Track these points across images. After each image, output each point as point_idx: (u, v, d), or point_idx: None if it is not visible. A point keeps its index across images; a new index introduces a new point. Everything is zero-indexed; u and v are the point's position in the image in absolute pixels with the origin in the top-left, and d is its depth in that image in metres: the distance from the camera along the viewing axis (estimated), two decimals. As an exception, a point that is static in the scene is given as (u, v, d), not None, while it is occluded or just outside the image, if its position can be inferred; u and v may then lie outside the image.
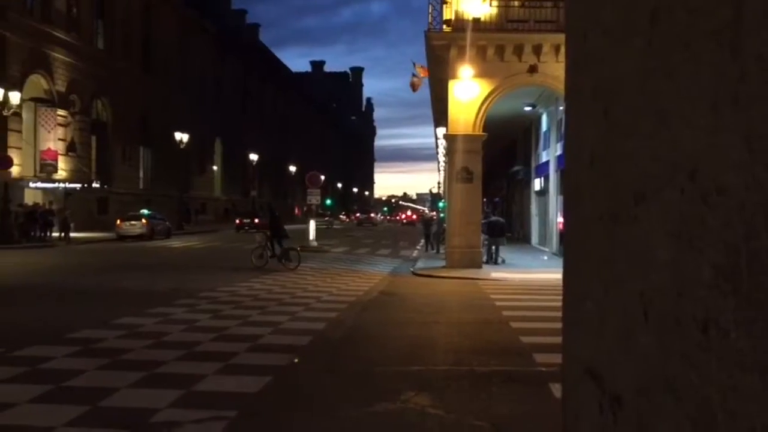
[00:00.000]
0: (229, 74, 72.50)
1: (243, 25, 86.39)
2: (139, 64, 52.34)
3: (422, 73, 25.47)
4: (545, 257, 24.77)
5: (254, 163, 63.42)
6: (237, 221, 50.47)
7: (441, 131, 32.41)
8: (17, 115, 35.16)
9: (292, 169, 77.90)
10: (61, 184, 39.08)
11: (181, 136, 46.64)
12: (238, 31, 78.66)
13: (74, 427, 5.39)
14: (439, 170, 60.65)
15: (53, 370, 7.18)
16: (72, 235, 32.70)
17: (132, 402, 6.08)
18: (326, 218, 65.93)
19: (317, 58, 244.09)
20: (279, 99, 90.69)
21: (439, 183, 76.37)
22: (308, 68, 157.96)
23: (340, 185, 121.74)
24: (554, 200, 26.27)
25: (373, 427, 5.74)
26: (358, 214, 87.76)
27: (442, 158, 49.92)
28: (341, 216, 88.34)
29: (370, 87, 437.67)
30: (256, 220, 47.00)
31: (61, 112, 40.96)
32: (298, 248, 21.31)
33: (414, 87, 25.35)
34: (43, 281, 16.40)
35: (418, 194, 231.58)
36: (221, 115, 67.90)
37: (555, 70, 19.93)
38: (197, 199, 60.62)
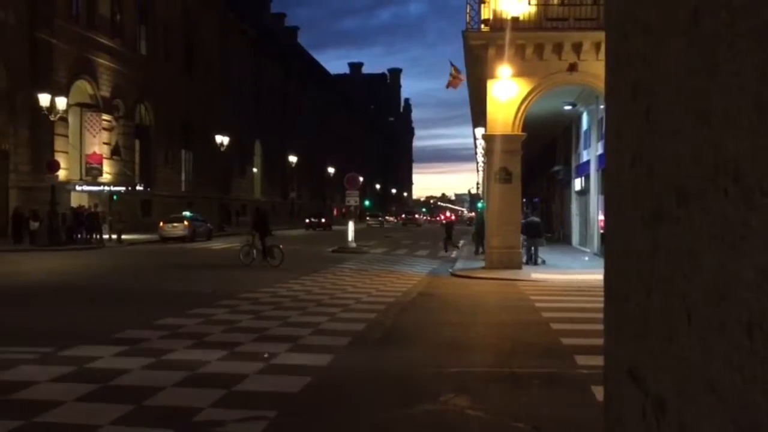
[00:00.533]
0: (269, 77, 73.23)
1: (282, 28, 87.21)
2: (180, 68, 53.23)
3: (457, 77, 25.30)
4: (586, 258, 24.45)
5: (293, 165, 63.94)
6: (307, 220, 60.36)
7: (479, 131, 32.24)
8: (64, 119, 36.07)
9: (331, 170, 78.32)
10: (106, 187, 39.95)
11: (222, 139, 47.28)
12: (277, 35, 79.41)
13: (119, 425, 5.50)
14: (477, 171, 60.39)
15: (99, 370, 7.35)
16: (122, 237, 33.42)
17: (175, 401, 6.19)
18: (379, 218, 77.51)
19: (355, 60, 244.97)
20: (317, 101, 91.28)
21: (477, 183, 76.03)
22: (346, 70, 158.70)
23: (378, 186, 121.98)
24: (595, 200, 25.92)
25: (413, 428, 5.74)
26: (403, 216, 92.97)
27: (480, 158, 49.66)
28: (388, 217, 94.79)
29: (408, 88, 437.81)
30: (323, 220, 58.27)
31: (105, 116, 41.90)
32: (281, 246, 22.33)
33: (451, 85, 25.15)
34: (89, 282, 16.78)
35: (456, 195, 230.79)
36: (261, 118, 68.64)
37: (595, 68, 19.67)
38: (237, 201, 61.36)
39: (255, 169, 69.96)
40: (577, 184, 30.92)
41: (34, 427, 5.43)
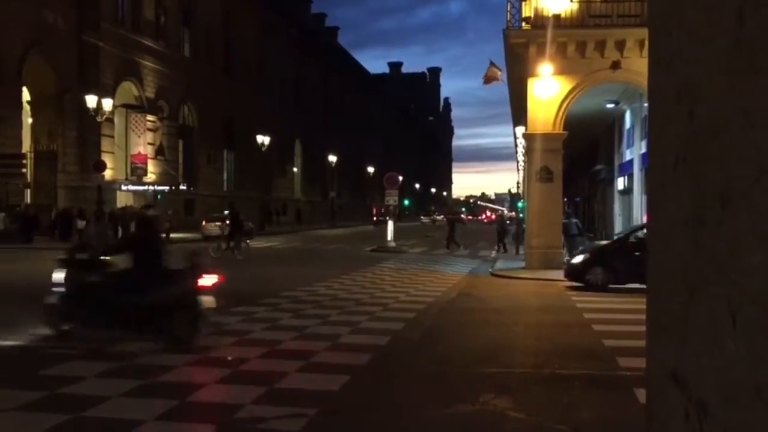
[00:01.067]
0: (309, 77, 73.73)
1: (322, 28, 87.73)
2: (222, 69, 53.97)
3: (495, 73, 24.97)
4: None
5: (333, 165, 64.33)
6: (374, 218, 68.60)
7: (520, 130, 31.97)
8: (110, 121, 36.88)
9: (370, 170, 78.52)
10: (151, 187, 40.73)
11: (263, 139, 47.77)
12: (317, 34, 79.92)
13: (163, 421, 5.61)
14: (518, 170, 59.89)
15: (143, 366, 7.50)
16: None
17: (217, 398, 6.29)
18: (431, 217, 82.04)
19: (395, 59, 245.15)
20: (357, 101, 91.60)
21: (518, 183, 75.53)
22: (386, 70, 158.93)
23: (417, 186, 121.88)
24: (639, 200, 25.47)
25: (452, 428, 5.73)
26: (449, 215, 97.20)
27: (521, 158, 49.26)
28: (438, 216, 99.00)
29: (447, 87, 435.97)
30: (387, 217, 64.78)
31: (150, 117, 42.73)
32: (248, 241, 25.84)
33: (487, 80, 24.74)
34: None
35: (496, 194, 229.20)
36: (301, 117, 69.16)
37: (639, 65, 19.32)
38: (278, 201, 61.94)
39: (295, 169, 70.52)
40: (620, 183, 30.44)
41: (82, 420, 5.57)
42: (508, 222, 31.85)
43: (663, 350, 1.04)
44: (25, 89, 34.36)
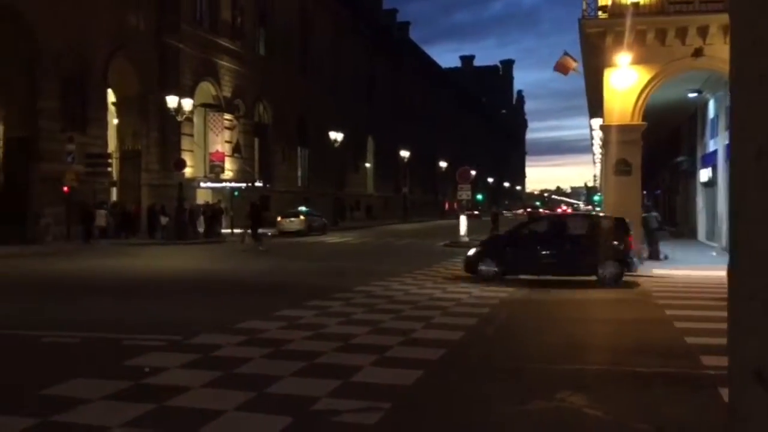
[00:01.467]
0: (381, 72, 74.04)
1: (394, 23, 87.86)
2: (296, 67, 54.82)
3: (568, 63, 24.34)
4: (714, 253, 23.14)
5: (405, 160, 64.44)
6: (470, 212, 71.62)
7: (596, 122, 31.20)
8: (189, 120, 38.05)
9: (443, 164, 78.26)
10: (228, 184, 41.82)
11: (336, 136, 48.27)
12: (389, 30, 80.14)
13: (243, 411, 5.77)
14: (594, 162, 58.43)
15: (223, 358, 7.73)
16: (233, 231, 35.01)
17: (294, 390, 6.41)
18: (513, 211, 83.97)
19: (467, 53, 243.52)
20: (429, 95, 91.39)
21: (594, 176, 73.55)
22: (458, 64, 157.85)
23: (490, 180, 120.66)
24: (723, 192, 24.47)
25: (528, 425, 5.67)
26: (529, 209, 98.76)
27: (597, 150, 48.07)
28: (517, 210, 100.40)
29: (521, 79, 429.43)
30: (476, 212, 64.20)
31: (227, 116, 43.85)
32: (270, 233, 29.74)
33: (560, 68, 24.07)
34: (211, 276, 17.65)
35: (572, 188, 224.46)
36: (373, 113, 69.54)
37: (723, 52, 18.52)
38: (351, 196, 62.54)
39: (368, 165, 70.99)
40: (703, 175, 29.30)
41: (165, 410, 5.79)
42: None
43: (746, 348, 1.00)
44: (110, 91, 35.84)
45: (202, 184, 40.64)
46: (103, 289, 14.43)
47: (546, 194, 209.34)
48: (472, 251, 17.22)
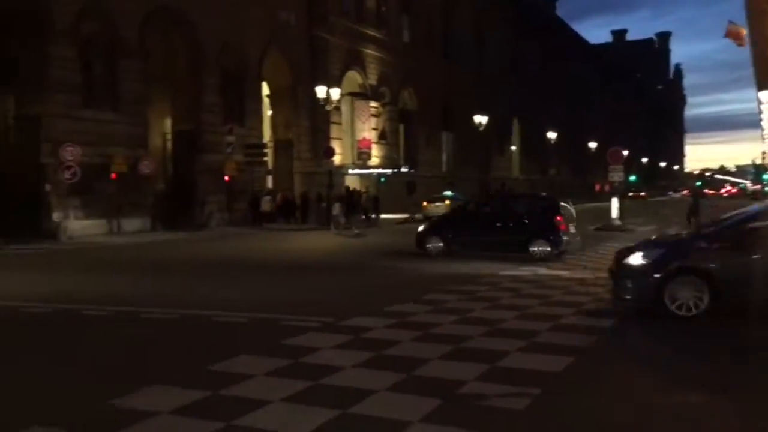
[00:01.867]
0: (526, 52, 72.34)
1: (539, 1, 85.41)
2: (439, 52, 54.84)
3: (741, 32, 22.51)
4: None
5: (552, 141, 62.71)
6: (630, 194, 70.47)
7: (765, 95, 28.73)
8: (337, 109, 39.28)
9: (592, 145, 75.35)
10: (375, 170, 42.77)
11: (480, 119, 47.88)
12: (534, 8, 78.02)
13: (393, 391, 5.95)
14: (763, 138, 53.77)
15: (373, 339, 7.98)
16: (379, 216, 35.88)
17: (441, 373, 6.51)
18: (679, 191, 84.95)
19: (618, 26, 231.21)
20: (577, 73, 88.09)
21: (764, 153, 67.67)
22: (608, 39, 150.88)
23: (644, 160, 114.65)
24: None
25: (680, 420, 5.41)
26: (687, 191, 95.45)
27: (767, 125, 44.24)
28: (682, 191, 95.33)
29: (678, 52, 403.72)
30: (642, 193, 75.32)
31: (373, 103, 44.80)
32: (363, 216, 32.10)
33: (732, 35, 22.23)
34: (358, 260, 18.18)
35: (737, 166, 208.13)
36: (518, 95, 68.17)
37: None
38: (497, 180, 61.83)
39: (513, 147, 69.83)
40: None
41: (320, 387, 6.09)
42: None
43: None
44: (264, 84, 37.75)
45: (350, 171, 41.85)
46: (262, 270, 15.34)
47: (708, 173, 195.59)
48: (420, 228, 19.03)
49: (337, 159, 37.91)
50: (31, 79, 25.29)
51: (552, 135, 61.43)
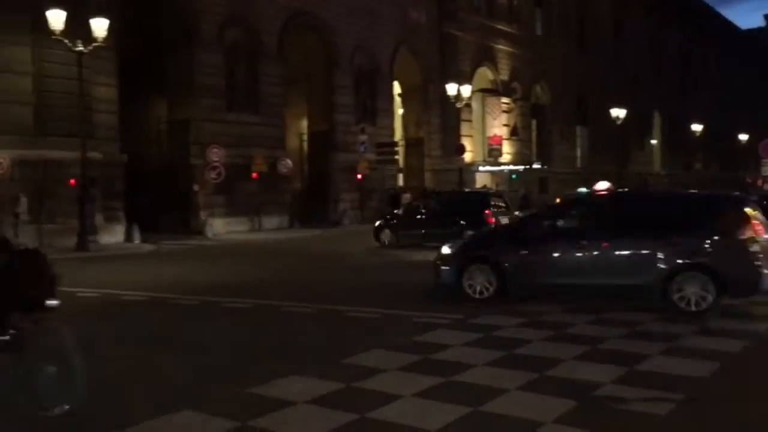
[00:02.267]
0: (667, 41, 68.57)
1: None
2: (574, 45, 53.14)
3: None
4: None
5: (697, 134, 59.08)
6: None
7: None
8: (468, 106, 39.05)
9: (743, 137, 70.25)
10: (506, 167, 42.17)
11: (618, 112, 45.91)
12: (676, -5, 73.81)
13: (525, 391, 5.85)
14: None
15: (504, 338, 7.89)
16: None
17: (575, 374, 6.32)
18: None
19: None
20: (725, 61, 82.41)
21: None
22: (761, 23, 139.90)
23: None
24: None
25: None
26: None
27: None
28: None
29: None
30: None
31: (504, 99, 44.17)
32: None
33: None
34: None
35: None
36: (659, 86, 64.73)
37: None
38: (635, 175, 59.04)
39: (653, 141, 66.49)
40: None
41: (451, 384, 6.09)
42: None
43: None
44: (396, 83, 38.23)
45: (481, 168, 41.50)
46: (398, 266, 15.57)
47: None
48: (377, 223, 21.93)
49: (467, 156, 37.73)
50: (180, 85, 27.08)
51: (697, 127, 57.80)
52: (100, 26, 19.46)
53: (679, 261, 9.17)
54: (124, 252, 20.56)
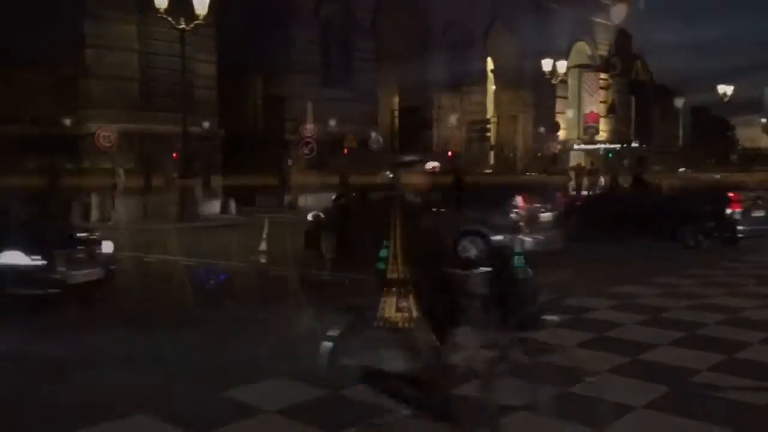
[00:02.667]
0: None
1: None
2: (680, 17, 50.73)
3: None
4: None
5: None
6: None
7: None
8: (564, 82, 38.06)
9: None
10: (602, 146, 40.93)
11: (725, 89, 43.58)
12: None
13: (615, 374, 5.75)
14: None
15: (596, 320, 7.74)
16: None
17: (670, 359, 6.15)
18: None
19: None
20: None
21: None
22: None
23: None
24: None
25: None
26: None
27: None
28: None
29: None
30: None
31: (602, 75, 42.75)
32: None
33: None
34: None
35: None
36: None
37: None
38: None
39: (763, 120, 62.81)
40: None
41: (534, 365, 6.03)
42: None
43: None
44: (489, 59, 37.66)
45: (576, 146, 40.47)
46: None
47: None
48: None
49: (561, 134, 36.87)
50: (276, 62, 27.66)
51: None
52: (201, 4, 20.11)
53: None
54: (223, 222, 21.39)
